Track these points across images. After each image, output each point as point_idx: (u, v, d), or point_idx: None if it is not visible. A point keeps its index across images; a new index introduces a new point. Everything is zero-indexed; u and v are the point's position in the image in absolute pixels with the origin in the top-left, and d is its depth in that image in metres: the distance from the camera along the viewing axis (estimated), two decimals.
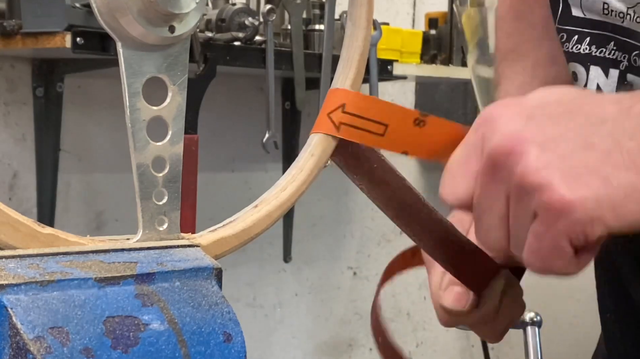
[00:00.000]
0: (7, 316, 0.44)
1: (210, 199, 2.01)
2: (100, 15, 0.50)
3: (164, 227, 0.53)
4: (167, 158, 0.53)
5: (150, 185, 0.52)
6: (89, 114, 1.95)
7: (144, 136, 0.52)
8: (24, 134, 1.86)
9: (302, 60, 1.97)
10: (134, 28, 0.50)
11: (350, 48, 0.61)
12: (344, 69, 0.62)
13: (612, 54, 0.73)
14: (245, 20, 1.85)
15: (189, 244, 0.53)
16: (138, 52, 0.51)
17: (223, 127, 2.17)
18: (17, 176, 1.87)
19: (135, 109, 0.51)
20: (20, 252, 0.47)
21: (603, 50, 0.74)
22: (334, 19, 1.98)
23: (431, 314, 2.70)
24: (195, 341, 0.49)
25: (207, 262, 0.52)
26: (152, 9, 0.50)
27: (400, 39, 2.30)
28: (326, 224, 2.41)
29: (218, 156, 2.16)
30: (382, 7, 2.48)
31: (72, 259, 0.48)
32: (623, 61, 0.72)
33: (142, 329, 0.47)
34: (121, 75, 0.51)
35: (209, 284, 0.51)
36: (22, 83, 1.85)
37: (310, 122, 2.21)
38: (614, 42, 0.73)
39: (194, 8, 0.51)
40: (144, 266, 0.49)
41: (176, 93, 0.53)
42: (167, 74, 0.52)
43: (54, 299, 0.46)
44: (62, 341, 0.45)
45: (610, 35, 0.73)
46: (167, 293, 0.49)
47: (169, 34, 0.51)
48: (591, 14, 0.74)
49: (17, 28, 1.61)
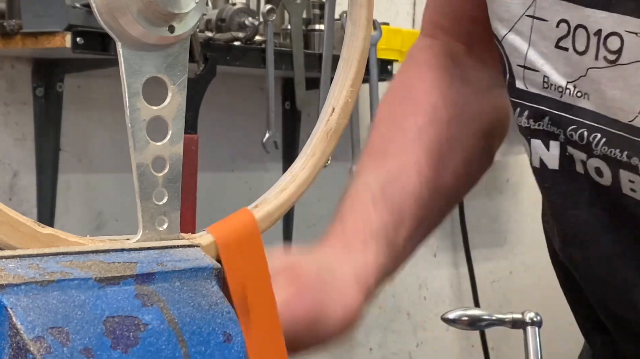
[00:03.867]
0: (7, 316, 0.44)
1: (210, 199, 2.01)
2: (100, 15, 0.50)
3: (164, 227, 0.53)
4: (167, 158, 0.53)
5: (150, 185, 0.52)
6: (89, 114, 1.95)
7: (144, 136, 0.52)
8: (24, 134, 1.86)
9: (302, 60, 1.97)
10: (133, 28, 0.50)
11: (350, 48, 0.61)
12: (344, 68, 0.62)
13: (548, 127, 0.73)
14: (245, 20, 1.85)
15: (189, 244, 0.53)
16: (138, 52, 0.51)
17: (223, 127, 2.17)
18: (17, 176, 1.87)
19: (135, 109, 0.51)
20: (20, 252, 0.47)
21: (540, 123, 0.74)
22: (334, 19, 1.98)
23: (431, 314, 2.72)
24: (195, 341, 0.49)
25: (207, 262, 0.52)
26: (151, 9, 0.50)
27: (400, 39, 2.30)
28: (326, 224, 2.40)
29: (218, 156, 2.16)
30: (382, 7, 2.48)
31: (72, 259, 0.48)
32: (560, 134, 0.72)
33: (142, 329, 0.47)
34: (121, 75, 0.51)
35: (209, 284, 0.51)
36: (22, 83, 1.84)
37: (310, 122, 2.22)
38: (549, 116, 0.73)
39: (193, 8, 0.51)
40: (144, 266, 0.49)
41: (176, 93, 0.53)
42: (167, 74, 0.52)
43: (54, 299, 0.46)
44: (62, 341, 0.45)
45: (545, 110, 0.73)
46: (167, 293, 0.49)
47: (168, 34, 0.51)
48: (532, 87, 0.74)
49: (17, 28, 1.61)
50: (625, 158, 0.68)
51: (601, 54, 0.68)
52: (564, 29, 0.70)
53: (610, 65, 0.67)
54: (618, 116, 0.68)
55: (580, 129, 0.71)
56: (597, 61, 0.68)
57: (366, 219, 0.76)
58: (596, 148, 0.70)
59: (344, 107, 0.61)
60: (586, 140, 0.70)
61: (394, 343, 2.61)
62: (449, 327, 1.79)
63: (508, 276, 2.91)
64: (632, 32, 0.66)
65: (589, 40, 0.68)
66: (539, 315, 1.38)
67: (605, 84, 0.68)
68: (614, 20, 0.67)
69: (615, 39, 0.67)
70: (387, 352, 2.60)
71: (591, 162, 0.71)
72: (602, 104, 0.69)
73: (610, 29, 0.67)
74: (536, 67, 0.73)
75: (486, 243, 2.78)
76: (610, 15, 0.67)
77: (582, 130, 0.70)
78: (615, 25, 0.67)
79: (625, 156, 0.68)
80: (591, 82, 0.69)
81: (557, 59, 0.71)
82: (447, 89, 0.84)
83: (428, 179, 0.79)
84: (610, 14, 0.67)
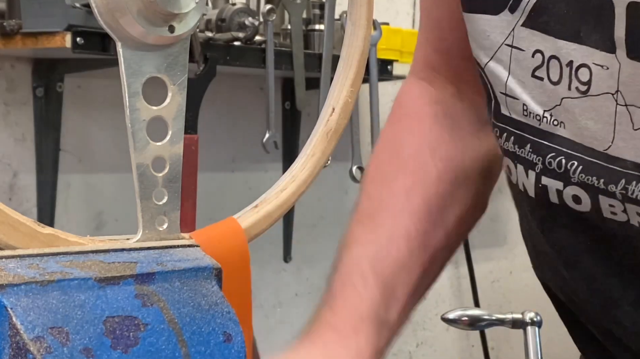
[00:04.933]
0: (7, 316, 0.44)
1: (210, 199, 2.01)
2: (100, 15, 0.50)
3: (164, 227, 0.53)
4: (167, 158, 0.53)
5: (150, 185, 0.52)
6: (89, 114, 1.95)
7: (144, 136, 0.52)
8: (24, 134, 1.86)
9: (302, 60, 1.97)
10: (133, 28, 0.50)
11: (350, 48, 0.61)
12: (344, 68, 0.62)
13: (529, 155, 0.74)
14: (245, 20, 1.85)
15: (189, 244, 0.53)
16: (138, 52, 0.51)
17: (223, 127, 2.17)
18: (17, 176, 1.87)
19: (135, 109, 0.51)
20: (20, 252, 0.47)
21: (523, 150, 0.74)
22: (334, 19, 1.98)
23: (431, 314, 2.71)
24: (195, 341, 0.49)
25: (207, 262, 0.52)
26: (151, 9, 0.50)
27: (400, 39, 2.30)
28: (326, 224, 2.41)
29: (218, 156, 2.16)
30: (382, 7, 2.48)
31: (72, 259, 0.48)
32: (538, 164, 0.73)
33: (142, 329, 0.47)
34: (121, 75, 0.51)
35: (209, 284, 0.51)
36: (22, 83, 1.84)
37: (310, 122, 2.22)
38: (530, 144, 0.73)
39: (193, 8, 0.51)
40: (144, 266, 0.49)
41: (176, 93, 0.53)
42: (167, 74, 0.52)
43: (54, 299, 0.46)
44: (62, 341, 0.45)
45: (527, 137, 0.73)
46: (167, 293, 0.49)
47: (168, 34, 0.51)
48: (514, 114, 0.74)
49: (17, 28, 1.61)
50: (602, 185, 0.69)
51: (573, 85, 0.69)
52: (539, 59, 0.71)
53: (582, 95, 0.68)
54: (593, 144, 0.69)
55: (559, 156, 0.71)
56: (570, 91, 0.69)
57: (356, 302, 0.76)
58: (574, 175, 0.70)
59: (344, 107, 0.61)
60: (564, 168, 0.71)
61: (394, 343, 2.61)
62: (449, 327, 1.79)
63: (508, 276, 2.91)
64: (599, 65, 0.67)
65: (562, 70, 0.69)
66: (539, 315, 1.38)
67: (579, 114, 0.69)
68: (583, 53, 0.68)
69: (585, 70, 0.68)
70: None
71: (568, 191, 0.72)
72: (578, 132, 0.70)
73: (581, 61, 0.68)
74: (515, 95, 0.73)
75: (486, 243, 2.78)
76: (579, 47, 0.68)
77: (560, 158, 0.71)
78: (584, 57, 0.68)
79: (602, 183, 0.69)
80: (566, 112, 0.70)
81: (534, 87, 0.72)
82: (437, 144, 0.84)
83: (419, 246, 0.80)
84: (580, 46, 0.68)
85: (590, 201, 0.70)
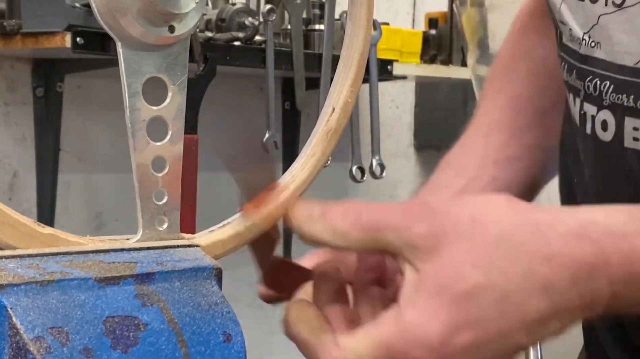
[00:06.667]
0: (7, 316, 0.44)
1: (210, 199, 2.01)
2: (100, 15, 0.50)
3: (164, 227, 0.53)
4: (167, 158, 0.53)
5: (150, 185, 0.52)
6: (89, 114, 1.95)
7: (144, 136, 0.52)
8: (24, 134, 1.86)
9: (302, 60, 1.97)
10: (133, 28, 0.50)
11: (350, 48, 0.61)
12: (344, 68, 0.62)
13: (575, 82, 0.75)
14: (245, 20, 1.85)
15: (189, 244, 0.53)
16: (138, 52, 0.51)
17: (223, 127, 2.17)
18: (17, 176, 1.87)
19: (135, 109, 0.51)
20: (20, 252, 0.47)
21: (571, 78, 0.75)
22: (334, 19, 1.98)
23: None
24: (195, 341, 0.49)
25: (207, 262, 0.52)
26: (151, 9, 0.50)
27: (400, 39, 2.30)
28: None
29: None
30: (382, 7, 2.48)
31: (72, 259, 0.48)
32: (581, 89, 0.74)
33: (142, 329, 0.47)
34: (121, 75, 0.51)
35: (209, 284, 0.51)
36: (22, 83, 1.84)
37: (310, 122, 2.21)
38: (575, 70, 0.74)
39: (193, 8, 0.51)
40: (144, 266, 0.49)
41: (176, 93, 0.53)
42: (167, 74, 0.52)
43: (54, 299, 0.46)
44: (61, 341, 0.45)
45: (572, 63, 0.74)
46: (167, 293, 0.49)
47: (168, 34, 0.51)
48: (566, 40, 0.75)
49: (17, 28, 1.61)
50: (631, 102, 0.69)
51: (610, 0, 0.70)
52: None
53: (618, 9, 0.69)
54: (625, 60, 0.70)
55: (594, 79, 0.72)
56: (606, 7, 0.71)
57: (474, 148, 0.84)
58: (606, 97, 0.71)
59: (344, 107, 0.61)
60: (598, 90, 0.72)
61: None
62: None
63: None
64: None
65: None
66: None
67: (614, 29, 0.70)
68: None
69: None
70: None
71: (600, 116, 0.72)
72: (611, 50, 0.71)
73: None
74: (565, 20, 0.74)
75: None
76: None
77: (595, 80, 0.72)
78: None
79: (631, 100, 0.69)
80: (601, 30, 0.71)
81: (577, 10, 0.73)
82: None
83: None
84: None
85: (615, 125, 0.71)
